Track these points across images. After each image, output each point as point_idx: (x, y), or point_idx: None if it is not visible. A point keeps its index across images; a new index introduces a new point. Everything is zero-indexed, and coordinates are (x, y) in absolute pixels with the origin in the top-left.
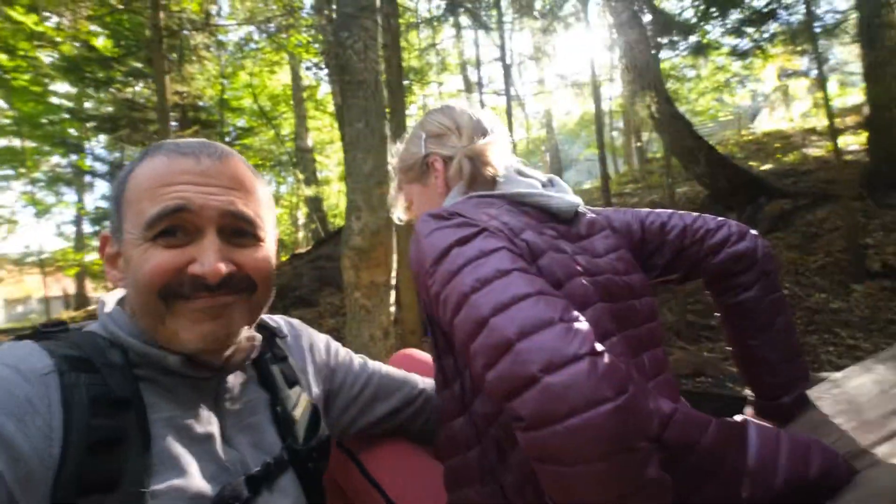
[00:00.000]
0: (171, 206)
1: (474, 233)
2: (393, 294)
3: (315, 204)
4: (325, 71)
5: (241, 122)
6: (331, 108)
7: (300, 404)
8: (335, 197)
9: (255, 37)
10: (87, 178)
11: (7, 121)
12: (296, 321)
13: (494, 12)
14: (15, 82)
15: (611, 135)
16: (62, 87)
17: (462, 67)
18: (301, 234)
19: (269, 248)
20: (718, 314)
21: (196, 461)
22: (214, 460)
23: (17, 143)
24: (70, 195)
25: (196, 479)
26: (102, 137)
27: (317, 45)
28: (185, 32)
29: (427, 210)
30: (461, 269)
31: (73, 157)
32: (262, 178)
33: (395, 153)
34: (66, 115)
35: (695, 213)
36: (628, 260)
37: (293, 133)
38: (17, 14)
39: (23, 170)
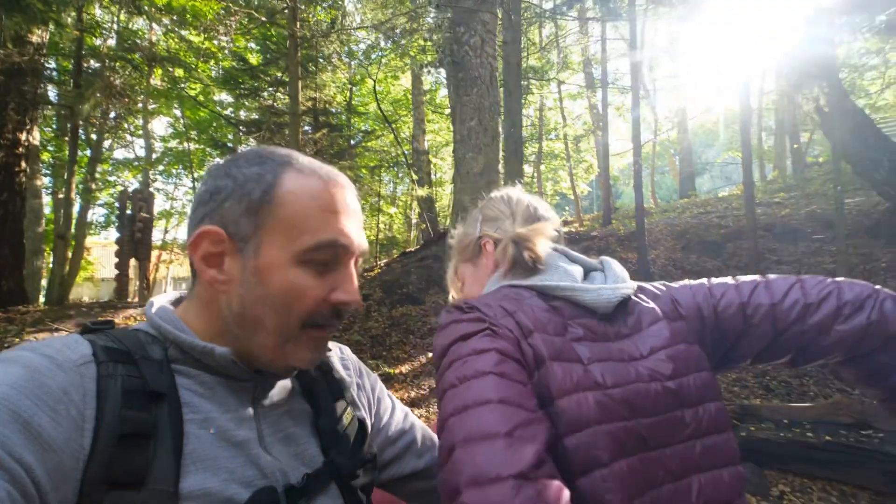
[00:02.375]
0: (339, 242)
1: (477, 331)
2: None
3: (427, 204)
4: (443, 72)
5: (365, 127)
6: (447, 111)
7: (344, 419)
8: (447, 198)
9: (382, 44)
10: None
11: (181, 128)
12: (346, 348)
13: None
14: (186, 93)
15: (759, 136)
16: (220, 96)
17: (585, 64)
18: (413, 234)
19: None
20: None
21: (232, 465)
22: (252, 466)
23: (186, 146)
24: None
25: (230, 483)
26: (252, 141)
27: (437, 46)
28: (319, 40)
29: (476, 290)
30: (452, 364)
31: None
32: None
33: (453, 235)
34: (223, 122)
35: (790, 280)
36: (685, 358)
37: (411, 136)
38: (189, 34)
39: (190, 169)
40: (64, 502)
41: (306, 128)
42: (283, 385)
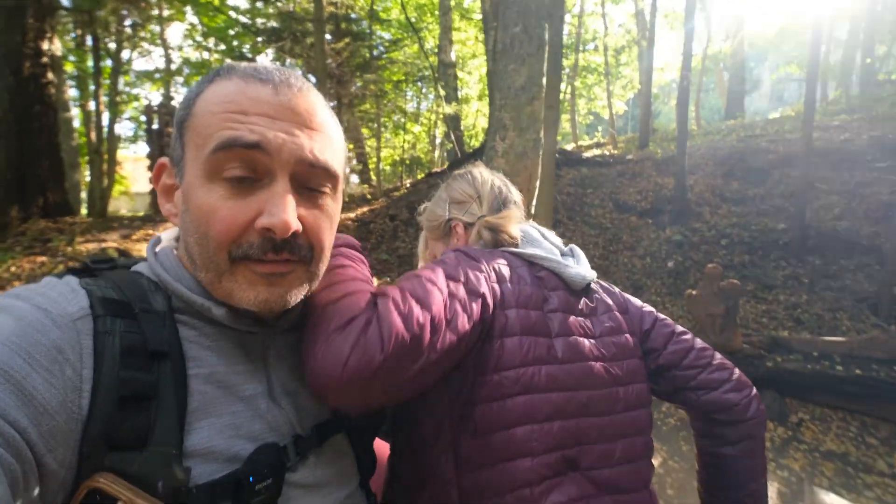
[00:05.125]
0: (243, 140)
1: (476, 268)
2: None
3: (454, 122)
4: None
5: (388, 36)
6: (477, 15)
7: None
8: (472, 116)
9: None
10: None
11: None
12: None
13: None
14: None
15: (824, 48)
16: (236, 1)
17: None
18: (437, 154)
19: (336, 206)
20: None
21: (238, 421)
22: (260, 420)
23: (205, 55)
24: None
25: (235, 439)
26: (271, 51)
27: None
28: None
29: None
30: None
31: None
32: (336, 118)
33: (422, 210)
34: (241, 30)
35: (707, 347)
36: (625, 345)
37: (437, 46)
38: None
39: None
40: (62, 464)
41: (327, 36)
42: (293, 334)
